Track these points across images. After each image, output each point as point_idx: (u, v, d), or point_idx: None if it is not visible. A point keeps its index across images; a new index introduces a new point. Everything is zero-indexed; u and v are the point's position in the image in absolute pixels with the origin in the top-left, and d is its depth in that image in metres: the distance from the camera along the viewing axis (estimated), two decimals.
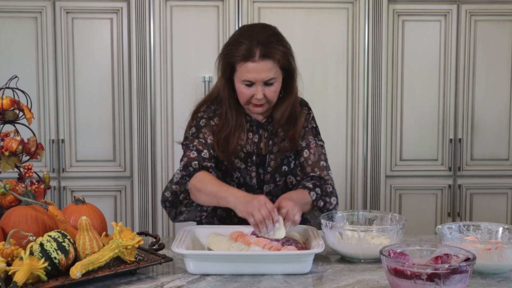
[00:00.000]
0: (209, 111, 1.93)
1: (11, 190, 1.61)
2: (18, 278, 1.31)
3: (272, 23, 3.12)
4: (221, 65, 1.84)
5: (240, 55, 1.76)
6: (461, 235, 1.65)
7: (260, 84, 1.78)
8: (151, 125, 3.18)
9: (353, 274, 1.53)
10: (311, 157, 1.91)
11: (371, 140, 3.25)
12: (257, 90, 1.79)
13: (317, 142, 1.95)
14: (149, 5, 3.12)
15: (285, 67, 1.83)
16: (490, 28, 3.32)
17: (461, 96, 3.34)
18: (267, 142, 1.92)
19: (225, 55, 1.81)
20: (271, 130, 1.92)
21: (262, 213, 1.58)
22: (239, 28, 1.88)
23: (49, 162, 3.26)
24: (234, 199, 1.67)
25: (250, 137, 1.91)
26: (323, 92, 3.22)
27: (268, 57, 1.76)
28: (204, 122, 1.90)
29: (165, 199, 1.87)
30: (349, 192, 3.29)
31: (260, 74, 1.77)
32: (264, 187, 1.92)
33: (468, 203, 3.40)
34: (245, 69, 1.77)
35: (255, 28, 1.84)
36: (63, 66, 3.21)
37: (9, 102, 1.69)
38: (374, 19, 3.19)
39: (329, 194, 1.88)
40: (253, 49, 1.75)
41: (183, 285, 1.45)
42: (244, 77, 1.78)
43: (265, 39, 1.77)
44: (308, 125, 1.97)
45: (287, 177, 1.94)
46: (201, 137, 1.88)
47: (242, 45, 1.76)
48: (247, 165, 1.90)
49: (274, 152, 1.91)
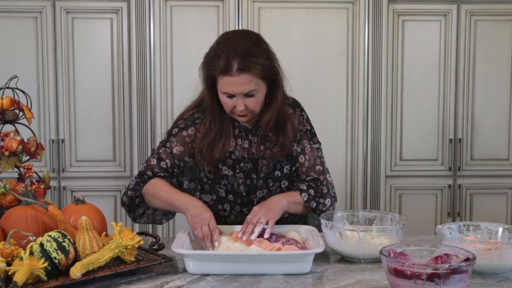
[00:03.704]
0: (190, 119, 1.92)
1: (11, 190, 1.61)
2: (18, 278, 1.31)
3: (272, 23, 3.18)
4: (202, 75, 1.82)
5: (218, 69, 1.72)
6: (461, 235, 1.65)
7: (241, 96, 1.75)
8: (151, 125, 3.18)
9: (353, 274, 1.53)
10: (306, 163, 1.88)
11: (371, 140, 3.25)
12: (237, 102, 1.76)
13: (312, 145, 1.91)
14: (149, 5, 3.12)
15: (267, 77, 1.78)
16: (490, 28, 3.32)
17: (461, 96, 3.34)
18: (258, 147, 1.89)
19: (205, 68, 1.79)
20: (261, 135, 1.89)
21: (203, 231, 1.63)
22: (219, 37, 1.82)
23: (49, 162, 3.26)
24: (184, 209, 1.71)
25: (239, 143, 1.89)
26: (323, 92, 3.22)
27: (245, 70, 1.70)
28: (176, 131, 1.91)
29: (123, 203, 1.92)
30: (349, 192, 3.29)
31: (238, 87, 1.73)
32: (257, 193, 1.90)
33: (468, 203, 3.40)
34: (224, 82, 1.74)
35: (235, 37, 1.77)
36: (63, 66, 3.21)
37: (9, 102, 1.69)
38: (374, 19, 3.19)
39: (323, 195, 1.84)
40: (231, 63, 1.70)
41: (183, 285, 1.45)
42: (223, 90, 1.75)
43: (244, 51, 1.71)
44: (303, 128, 1.93)
45: (281, 182, 1.91)
46: (167, 146, 1.89)
47: (220, 59, 1.72)
48: (235, 172, 1.88)
49: (266, 158, 1.88)
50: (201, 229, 1.63)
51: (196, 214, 1.65)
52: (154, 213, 1.92)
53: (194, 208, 1.68)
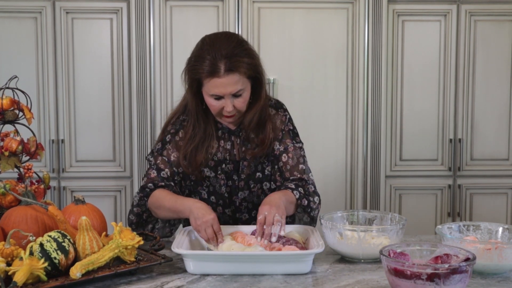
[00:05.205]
0: (177, 123, 1.92)
1: (11, 190, 1.61)
2: (18, 278, 1.31)
3: (272, 23, 3.18)
4: (187, 79, 1.81)
5: (205, 71, 1.73)
6: (461, 235, 1.65)
7: (229, 97, 1.75)
8: (151, 125, 3.18)
9: (353, 274, 1.53)
10: (289, 162, 1.88)
11: (371, 140, 3.25)
12: (226, 103, 1.76)
13: (295, 144, 1.92)
14: (149, 5, 3.12)
15: (252, 76, 1.79)
16: (490, 28, 3.32)
17: (461, 96, 3.34)
18: (240, 148, 1.90)
19: (190, 72, 1.78)
20: (244, 137, 1.90)
21: (207, 234, 1.63)
22: (201, 40, 1.82)
23: (49, 162, 3.26)
24: (188, 212, 1.69)
25: (222, 145, 1.89)
26: (323, 92, 3.22)
27: (233, 71, 1.71)
28: (169, 138, 1.90)
29: (131, 222, 1.89)
30: (349, 192, 3.29)
31: (227, 88, 1.73)
32: (239, 194, 1.90)
33: (468, 203, 3.40)
34: (211, 84, 1.73)
35: (217, 40, 1.78)
36: (63, 66, 3.21)
37: (9, 102, 1.69)
38: (374, 19, 3.19)
39: (311, 193, 1.85)
40: (217, 64, 1.71)
41: (183, 285, 1.45)
42: (211, 92, 1.75)
43: (229, 52, 1.72)
44: (285, 127, 1.93)
45: (262, 184, 1.91)
46: (164, 154, 1.89)
47: (205, 60, 1.72)
48: (216, 173, 1.89)
49: (247, 159, 1.89)
50: (205, 231, 1.62)
51: (199, 217, 1.64)
52: (164, 226, 1.90)
53: (197, 210, 1.66)
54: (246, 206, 1.91)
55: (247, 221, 1.92)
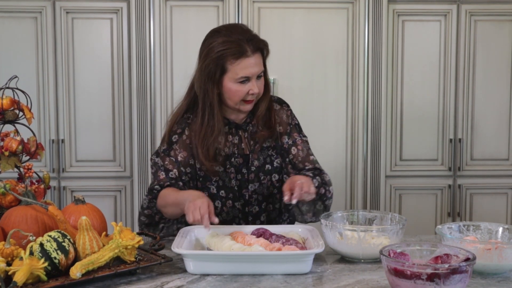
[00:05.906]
0: (182, 121, 1.93)
1: (11, 190, 1.61)
2: (18, 278, 1.31)
3: (272, 23, 3.18)
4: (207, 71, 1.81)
5: (233, 53, 1.78)
6: (461, 235, 1.65)
7: (255, 78, 1.82)
8: (151, 125, 3.18)
9: (353, 274, 1.53)
10: (300, 153, 1.94)
11: (371, 140, 3.25)
12: (253, 85, 1.82)
13: (302, 138, 1.99)
14: (149, 5, 3.12)
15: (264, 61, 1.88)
16: (490, 28, 3.32)
17: (461, 96, 3.34)
18: (248, 142, 1.93)
19: (214, 60, 1.80)
20: (251, 130, 1.94)
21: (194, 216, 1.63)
22: (214, 32, 1.86)
23: (49, 162, 3.26)
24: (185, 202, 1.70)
25: (230, 139, 1.92)
26: (323, 92, 3.22)
27: (258, 51, 1.82)
28: (176, 138, 1.91)
29: (142, 223, 1.90)
30: (349, 192, 3.29)
31: (255, 68, 1.80)
32: (249, 186, 1.92)
33: (468, 203, 3.40)
34: (241, 66, 1.79)
35: (232, 27, 1.88)
36: (63, 66, 3.21)
37: (9, 102, 1.69)
38: (374, 19, 3.19)
39: (327, 182, 1.90)
40: (244, 45, 1.78)
41: (183, 285, 1.45)
42: (240, 74, 1.79)
43: (250, 35, 1.82)
44: (292, 122, 2.00)
45: (272, 176, 1.94)
46: (172, 154, 1.90)
47: (232, 43, 1.78)
48: (225, 168, 1.91)
49: (256, 151, 1.92)
50: (193, 214, 1.63)
51: (190, 200, 1.66)
52: (172, 224, 1.91)
53: (190, 196, 1.69)
54: (256, 198, 1.93)
55: (257, 214, 1.94)
